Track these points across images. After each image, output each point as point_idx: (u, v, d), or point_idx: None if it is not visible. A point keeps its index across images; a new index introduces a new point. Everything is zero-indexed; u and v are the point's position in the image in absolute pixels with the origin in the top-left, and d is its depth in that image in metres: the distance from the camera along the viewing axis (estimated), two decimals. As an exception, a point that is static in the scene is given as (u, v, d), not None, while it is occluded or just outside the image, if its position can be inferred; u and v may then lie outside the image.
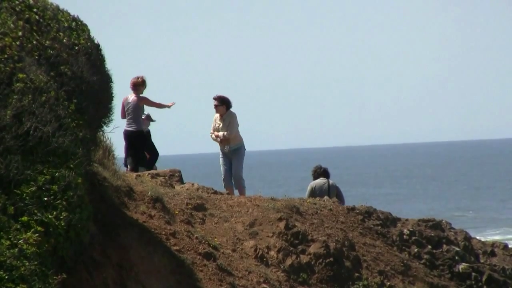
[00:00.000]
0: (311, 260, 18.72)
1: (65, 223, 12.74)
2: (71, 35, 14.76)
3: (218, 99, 23.48)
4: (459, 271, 20.97)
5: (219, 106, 23.35)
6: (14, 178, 12.64)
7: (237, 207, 19.40)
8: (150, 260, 15.38)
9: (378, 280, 19.10)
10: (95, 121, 15.07)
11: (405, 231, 21.09)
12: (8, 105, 13.01)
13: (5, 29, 13.80)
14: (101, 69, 15.17)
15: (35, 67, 13.74)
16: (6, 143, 12.77)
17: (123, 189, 16.71)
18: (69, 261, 12.95)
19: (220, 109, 23.34)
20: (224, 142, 23.27)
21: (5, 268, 11.96)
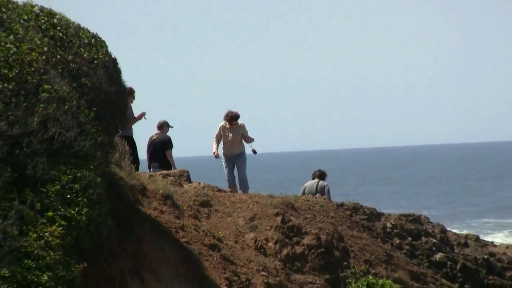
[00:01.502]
0: (305, 251, 18.73)
1: (86, 218, 12.73)
2: (91, 50, 14.75)
3: (235, 118, 23.38)
4: (436, 260, 21.00)
5: (233, 122, 23.29)
6: (40, 178, 12.64)
7: (239, 203, 19.42)
8: (161, 251, 15.36)
9: (364, 268, 19.10)
10: (112, 127, 15.06)
11: (388, 225, 21.13)
12: (35, 113, 12.99)
13: (32, 45, 13.79)
14: (117, 80, 15.17)
15: (59, 79, 13.73)
16: (33, 147, 12.76)
17: (137, 188, 16.71)
18: (89, 252, 12.95)
19: (234, 123, 23.27)
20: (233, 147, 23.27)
21: (32, 257, 11.94)
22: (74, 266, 12.35)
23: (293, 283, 17.70)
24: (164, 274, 15.03)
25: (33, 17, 14.57)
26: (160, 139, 23.94)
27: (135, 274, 14.47)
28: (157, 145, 23.83)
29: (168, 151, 23.77)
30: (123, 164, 16.88)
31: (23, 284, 11.74)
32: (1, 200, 12.14)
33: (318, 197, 21.46)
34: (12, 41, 13.64)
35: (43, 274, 11.91)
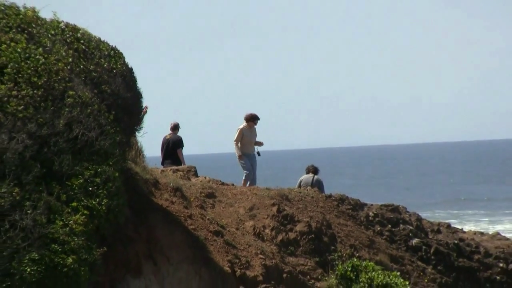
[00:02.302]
0: (297, 236, 18.74)
1: (105, 208, 12.76)
2: (110, 61, 14.78)
3: (257, 118, 23.38)
4: (412, 245, 21.01)
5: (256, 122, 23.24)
6: (65, 173, 12.67)
7: (240, 195, 19.44)
8: (171, 237, 15.39)
9: (349, 252, 19.11)
10: (129, 128, 15.08)
11: (370, 214, 21.13)
12: (61, 116, 13.03)
13: (59, 56, 13.83)
14: (133, 87, 15.20)
15: (82, 86, 13.76)
16: (60, 146, 12.79)
17: (151, 181, 16.72)
18: (109, 238, 12.98)
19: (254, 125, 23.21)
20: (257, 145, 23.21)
21: (58, 242, 11.97)
22: (95, 250, 12.39)
23: (287, 265, 17.72)
24: (174, 257, 15.06)
25: (59, 32, 14.60)
26: (172, 139, 24.02)
27: (149, 257, 14.50)
28: (170, 144, 23.93)
29: (179, 150, 23.86)
30: (138, 160, 16.92)
31: (50, 266, 11.77)
32: (31, 192, 12.18)
33: (309, 189, 21.49)
34: (41, 53, 13.67)
35: (68, 257, 11.94)
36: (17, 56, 13.36)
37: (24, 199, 12.02)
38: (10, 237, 11.62)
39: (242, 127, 23.10)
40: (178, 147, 23.88)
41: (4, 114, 12.56)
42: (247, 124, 23.08)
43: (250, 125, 23.07)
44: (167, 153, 23.90)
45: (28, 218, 11.83)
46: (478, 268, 21.37)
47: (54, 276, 11.78)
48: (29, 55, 13.49)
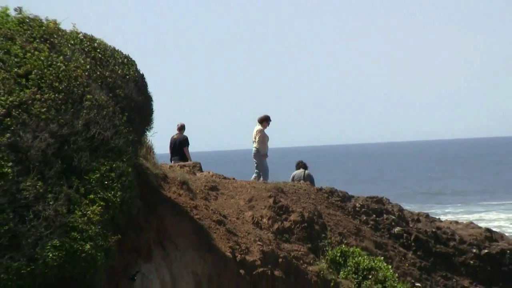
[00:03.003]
0: (291, 225, 18.78)
1: (119, 199, 12.78)
2: (123, 68, 14.80)
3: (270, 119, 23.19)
4: (394, 233, 21.06)
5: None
6: (84, 168, 12.69)
7: (240, 188, 19.47)
8: (179, 225, 15.42)
9: (338, 239, 19.16)
10: (140, 128, 15.11)
11: (357, 205, 21.18)
12: (80, 117, 13.04)
13: (78, 64, 13.85)
14: (144, 91, 15.22)
15: (99, 90, 13.78)
16: (79, 144, 12.81)
17: (160, 176, 16.75)
18: (122, 226, 13.01)
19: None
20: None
21: (77, 230, 11.98)
22: (110, 237, 12.41)
23: (282, 250, 17.74)
24: (181, 243, 15.09)
25: (78, 42, 14.63)
26: (179, 138, 24.12)
27: (158, 244, 14.53)
28: (177, 142, 24.05)
29: (185, 148, 23.96)
30: (149, 157, 16.93)
31: (70, 252, 11.79)
32: (53, 186, 12.19)
33: (302, 183, 21.53)
34: (62, 60, 13.69)
35: (86, 244, 11.96)
36: (40, 63, 13.38)
37: (46, 192, 12.04)
38: (34, 226, 11.64)
39: (261, 128, 22.87)
40: (184, 145, 24.00)
41: (28, 115, 12.57)
42: (263, 125, 22.88)
43: (265, 126, 22.91)
44: (175, 151, 24.02)
45: (50, 209, 11.85)
46: (453, 253, 21.42)
47: (74, 260, 11.80)
48: (51, 62, 13.51)
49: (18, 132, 12.32)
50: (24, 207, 11.75)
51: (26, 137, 12.32)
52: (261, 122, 22.80)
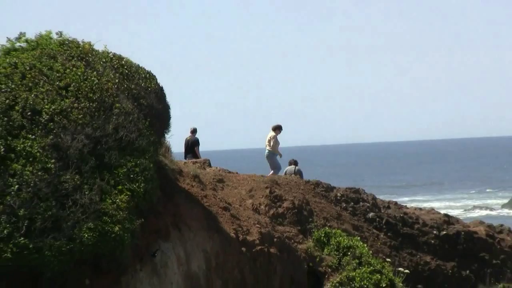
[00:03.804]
0: (284, 211, 18.73)
1: (143, 190, 12.76)
2: (146, 82, 14.76)
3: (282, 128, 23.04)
4: (369, 217, 21.01)
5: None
6: (113, 164, 12.68)
7: (242, 180, 19.41)
8: (192, 211, 15.39)
9: (322, 222, 19.11)
10: (160, 131, 15.06)
11: (338, 194, 21.11)
12: (110, 122, 13.03)
13: (108, 78, 13.83)
14: (163, 101, 15.15)
15: (125, 100, 13.75)
16: (109, 144, 12.80)
17: (176, 170, 16.71)
18: (145, 212, 12.97)
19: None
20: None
21: (108, 215, 11.97)
22: (135, 221, 12.40)
23: (277, 232, 17.72)
24: (193, 226, 15.06)
25: (109, 60, 14.60)
26: (192, 140, 24.10)
27: (175, 226, 14.50)
28: (189, 143, 24.03)
29: (196, 147, 23.93)
30: (167, 155, 16.87)
31: (102, 233, 11.78)
32: (88, 179, 12.18)
33: (293, 177, 21.48)
34: (95, 75, 13.67)
35: (115, 226, 11.95)
36: (78, 78, 13.38)
37: (83, 184, 12.04)
38: (73, 212, 11.63)
39: (274, 135, 22.74)
40: (195, 146, 24.01)
41: (68, 121, 12.57)
42: (275, 132, 22.85)
43: (277, 133, 22.86)
44: (188, 150, 24.01)
45: (85, 198, 11.84)
46: (417, 234, 21.40)
47: (105, 240, 11.79)
48: (86, 77, 13.50)
49: (59, 135, 12.32)
50: (64, 196, 11.75)
51: (66, 139, 12.32)
52: (274, 130, 22.89)
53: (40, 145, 11.98)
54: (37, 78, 13.03)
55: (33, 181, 11.45)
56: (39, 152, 11.89)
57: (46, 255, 11.11)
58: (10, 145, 11.81)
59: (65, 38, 14.50)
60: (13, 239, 10.91)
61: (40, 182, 11.51)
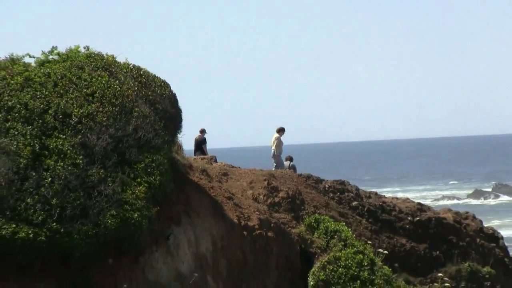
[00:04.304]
0: (280, 200, 18.72)
1: (158, 182, 12.76)
2: (161, 89, 14.74)
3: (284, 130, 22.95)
4: (353, 206, 20.98)
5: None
6: (133, 160, 12.68)
7: (243, 174, 19.40)
8: (200, 201, 15.38)
9: (313, 210, 19.10)
10: (173, 132, 15.04)
11: (326, 186, 21.08)
12: (130, 124, 13.03)
13: (128, 86, 13.82)
14: (176, 106, 15.11)
15: (143, 105, 13.75)
16: (129, 143, 12.79)
17: (187, 165, 16.70)
18: (160, 201, 12.97)
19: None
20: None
21: (128, 204, 11.94)
22: (151, 209, 12.39)
23: (274, 218, 17.70)
24: (201, 213, 15.06)
25: (129, 70, 14.59)
26: (200, 139, 24.10)
27: (186, 213, 14.50)
28: (198, 142, 24.02)
29: (204, 145, 23.92)
30: (179, 152, 16.85)
31: (123, 219, 11.78)
32: (111, 172, 12.19)
33: (288, 171, 21.45)
34: (117, 84, 13.67)
35: (135, 213, 11.95)
36: (102, 85, 13.38)
37: (106, 177, 12.05)
38: (98, 201, 11.64)
39: (278, 136, 22.70)
40: (203, 144, 24.02)
41: (94, 123, 12.58)
42: (279, 134, 22.86)
43: (281, 134, 22.89)
44: (197, 148, 24.00)
45: (109, 189, 11.85)
46: (394, 220, 21.39)
47: (126, 225, 11.80)
48: (110, 85, 13.50)
49: (86, 135, 12.33)
50: (90, 187, 11.75)
51: (92, 138, 12.33)
52: (278, 132, 22.92)
53: (70, 143, 12.00)
54: (67, 86, 13.04)
55: (64, 175, 11.47)
56: (69, 150, 11.90)
57: (75, 238, 11.13)
58: (44, 144, 11.83)
59: (92, 51, 14.50)
60: (46, 225, 10.93)
61: (70, 175, 11.53)
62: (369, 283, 16.69)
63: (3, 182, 10.78)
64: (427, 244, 21.19)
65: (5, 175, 10.86)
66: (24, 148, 11.45)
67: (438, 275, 20.04)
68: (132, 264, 12.44)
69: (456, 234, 21.76)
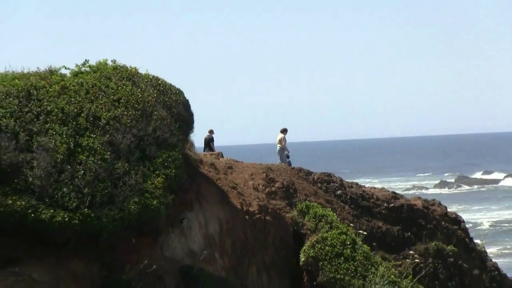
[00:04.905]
0: (276, 189, 18.67)
1: (174, 174, 12.73)
2: (176, 96, 14.70)
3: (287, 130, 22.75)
4: (337, 194, 20.92)
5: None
6: (152, 156, 12.64)
7: (246, 167, 19.35)
8: (209, 189, 15.36)
9: (304, 197, 19.05)
10: (186, 132, 14.99)
11: (315, 177, 21.02)
12: (150, 125, 12.98)
13: (149, 93, 13.79)
14: (188, 110, 15.07)
15: (161, 109, 13.71)
16: (149, 141, 12.75)
17: (198, 160, 16.66)
18: (175, 190, 12.94)
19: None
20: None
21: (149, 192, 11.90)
22: (168, 197, 12.36)
23: (271, 204, 17.66)
24: (210, 200, 15.04)
25: (149, 80, 14.55)
26: (209, 138, 23.97)
27: (197, 201, 14.48)
28: (207, 140, 23.90)
29: (212, 143, 23.78)
30: (191, 149, 16.82)
31: (144, 205, 11.74)
32: (134, 166, 12.14)
33: (283, 164, 21.37)
34: (139, 91, 13.63)
35: (154, 200, 11.92)
36: (127, 93, 13.34)
37: (130, 170, 12.01)
38: (123, 190, 11.60)
39: (283, 136, 22.56)
40: (211, 142, 23.91)
41: (119, 124, 12.54)
42: (283, 133, 22.73)
43: (285, 134, 22.79)
44: (206, 145, 23.89)
45: (132, 180, 11.82)
46: (372, 206, 21.34)
47: (146, 210, 11.77)
48: (133, 92, 13.47)
49: (113, 134, 12.29)
50: (117, 178, 11.72)
51: (118, 137, 12.29)
52: (282, 132, 22.84)
53: (99, 142, 11.97)
54: (97, 93, 13.01)
55: (94, 168, 11.44)
56: (98, 147, 11.87)
57: (104, 221, 11.10)
58: (77, 142, 11.80)
59: (118, 64, 14.48)
60: (79, 210, 10.90)
61: (99, 168, 11.50)
62: (351, 259, 16.68)
63: (43, 175, 10.75)
64: (400, 226, 21.15)
65: (45, 169, 10.83)
66: (61, 146, 11.42)
67: (409, 252, 20.01)
68: (152, 243, 12.42)
69: (424, 218, 21.72)
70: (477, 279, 21.24)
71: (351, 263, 16.58)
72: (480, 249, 22.20)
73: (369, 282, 16.27)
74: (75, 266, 10.99)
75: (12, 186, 10.41)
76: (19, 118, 11.43)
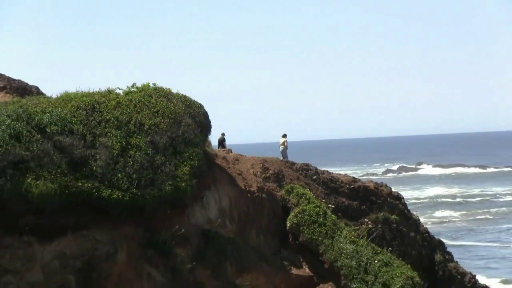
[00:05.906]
0: (270, 175, 18.53)
1: (197, 164, 12.65)
2: (198, 108, 14.56)
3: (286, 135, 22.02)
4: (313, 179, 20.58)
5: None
6: (181, 151, 12.59)
7: (248, 160, 19.13)
8: (222, 175, 15.30)
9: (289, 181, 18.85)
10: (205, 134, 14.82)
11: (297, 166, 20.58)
12: (179, 129, 12.96)
13: (178, 107, 13.70)
14: (207, 118, 14.81)
15: (188, 118, 13.66)
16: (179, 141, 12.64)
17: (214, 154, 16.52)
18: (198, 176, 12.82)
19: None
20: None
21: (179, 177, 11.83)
22: (192, 181, 12.21)
23: (266, 186, 17.60)
24: (223, 183, 14.99)
25: (179, 97, 14.46)
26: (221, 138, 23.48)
27: (213, 183, 14.42)
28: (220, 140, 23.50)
29: (224, 143, 23.40)
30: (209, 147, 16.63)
31: (176, 186, 11.68)
32: (168, 158, 12.13)
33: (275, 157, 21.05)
34: (172, 105, 13.56)
35: (183, 183, 11.90)
36: (163, 106, 13.32)
37: (165, 161, 11.99)
38: (161, 176, 11.59)
39: (286, 139, 21.95)
40: (223, 141, 23.62)
41: (158, 129, 12.54)
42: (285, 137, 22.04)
43: (286, 138, 22.15)
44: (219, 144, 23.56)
45: (167, 168, 11.81)
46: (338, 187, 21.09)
47: (177, 190, 11.77)
48: (167, 106, 13.44)
49: (154, 136, 12.29)
50: (156, 167, 11.71)
51: (157, 138, 12.29)
52: (284, 136, 22.21)
53: (143, 141, 11.98)
54: (142, 107, 13.00)
55: (140, 160, 11.46)
56: (143, 145, 11.89)
57: (147, 199, 11.14)
58: (128, 142, 11.83)
59: (157, 86, 14.45)
60: (129, 190, 10.94)
61: (144, 160, 11.51)
62: (323, 225, 16.75)
63: (103, 165, 10.81)
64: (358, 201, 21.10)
65: (105, 160, 10.88)
66: (116, 144, 11.46)
67: (364, 220, 19.99)
68: (181, 214, 12.45)
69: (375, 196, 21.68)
70: (413, 239, 21.27)
71: (323, 227, 16.66)
72: (415, 218, 22.22)
73: (336, 241, 16.40)
74: (126, 230, 11.04)
75: (81, 173, 10.53)
76: (86, 124, 11.52)
